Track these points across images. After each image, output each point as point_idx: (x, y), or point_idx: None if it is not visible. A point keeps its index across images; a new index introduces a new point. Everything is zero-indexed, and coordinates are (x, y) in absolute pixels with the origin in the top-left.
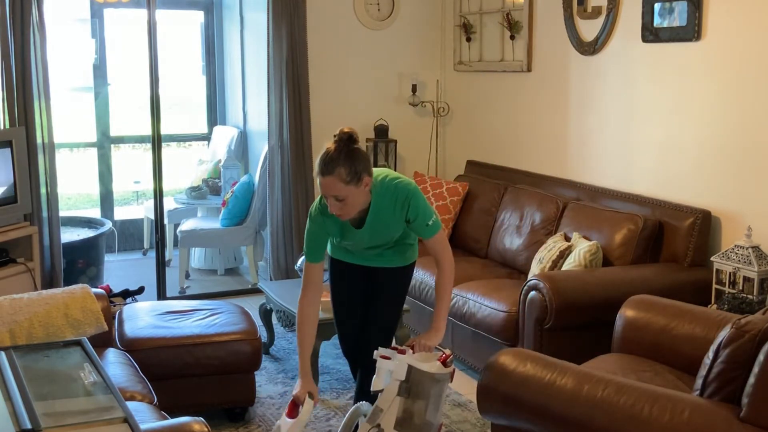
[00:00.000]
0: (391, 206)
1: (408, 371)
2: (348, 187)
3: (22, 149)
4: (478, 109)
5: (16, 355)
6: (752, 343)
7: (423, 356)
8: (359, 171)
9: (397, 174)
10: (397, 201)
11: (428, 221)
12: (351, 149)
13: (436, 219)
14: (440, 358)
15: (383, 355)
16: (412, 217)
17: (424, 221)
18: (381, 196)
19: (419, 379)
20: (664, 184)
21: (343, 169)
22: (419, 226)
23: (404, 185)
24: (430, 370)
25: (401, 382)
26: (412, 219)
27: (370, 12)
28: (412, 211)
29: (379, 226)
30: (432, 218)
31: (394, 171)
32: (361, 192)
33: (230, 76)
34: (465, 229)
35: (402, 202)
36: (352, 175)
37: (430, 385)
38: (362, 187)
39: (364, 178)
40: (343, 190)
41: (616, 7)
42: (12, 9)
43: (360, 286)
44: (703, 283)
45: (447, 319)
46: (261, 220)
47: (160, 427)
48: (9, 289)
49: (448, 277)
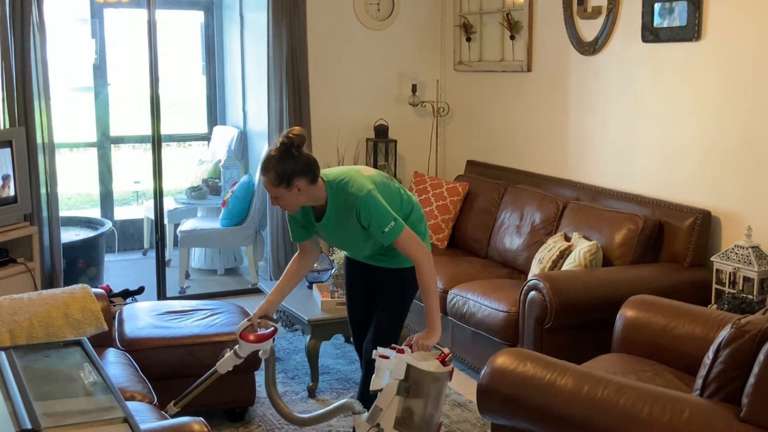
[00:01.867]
0: (346, 208)
1: (407, 370)
2: (278, 189)
3: (22, 149)
4: (478, 109)
5: (16, 355)
6: (752, 343)
7: (422, 355)
8: (290, 175)
9: (356, 180)
10: (349, 206)
11: (384, 228)
12: (288, 154)
13: (395, 224)
14: (439, 356)
15: (382, 354)
16: (365, 225)
17: (379, 229)
18: (335, 197)
19: (418, 378)
20: (664, 184)
21: (272, 172)
22: (376, 233)
23: (355, 192)
24: (429, 368)
25: (400, 382)
26: (365, 226)
27: (370, 12)
28: (364, 219)
29: (338, 224)
30: (388, 225)
31: (360, 174)
32: (294, 194)
33: (230, 76)
34: (465, 229)
35: (354, 209)
36: (280, 180)
37: (429, 384)
38: (294, 191)
39: (294, 182)
40: (274, 191)
41: (616, 7)
42: (12, 9)
43: (363, 279)
44: (703, 283)
45: (440, 315)
46: (261, 220)
47: (160, 427)
48: (9, 289)
49: (427, 275)
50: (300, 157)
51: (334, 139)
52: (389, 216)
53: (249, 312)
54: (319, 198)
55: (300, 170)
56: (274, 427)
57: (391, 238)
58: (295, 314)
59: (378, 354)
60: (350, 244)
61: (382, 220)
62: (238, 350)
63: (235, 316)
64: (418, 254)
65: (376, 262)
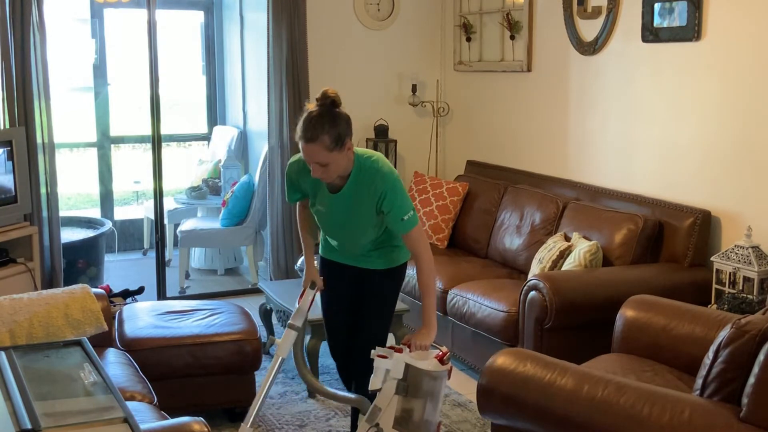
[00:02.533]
0: (368, 187)
1: (405, 369)
2: (332, 154)
3: (22, 149)
4: (478, 109)
5: (16, 355)
6: (752, 343)
7: (420, 354)
8: (342, 135)
9: (386, 162)
10: (372, 186)
11: (403, 216)
12: (335, 112)
13: (413, 215)
14: (437, 355)
15: (380, 354)
16: (387, 209)
17: (399, 216)
18: (359, 172)
19: (417, 377)
20: (664, 184)
21: (327, 136)
22: (393, 219)
23: (385, 173)
24: (428, 367)
25: (399, 381)
26: (386, 211)
27: (370, 12)
28: (387, 203)
29: (352, 202)
30: (408, 213)
31: (386, 159)
32: (344, 156)
33: (230, 76)
34: (465, 229)
35: (377, 190)
36: (335, 142)
37: (428, 383)
38: (345, 151)
39: (347, 142)
40: (328, 156)
41: (616, 7)
42: (12, 9)
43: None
44: (703, 283)
45: (436, 314)
46: (261, 220)
47: (160, 427)
48: (9, 289)
49: (428, 273)
50: (343, 115)
51: None
52: (410, 205)
53: (249, 312)
54: (347, 168)
55: (349, 129)
56: (274, 427)
57: (406, 229)
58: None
59: (376, 353)
60: (350, 230)
61: (404, 207)
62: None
63: (235, 316)
64: (424, 251)
65: (364, 262)
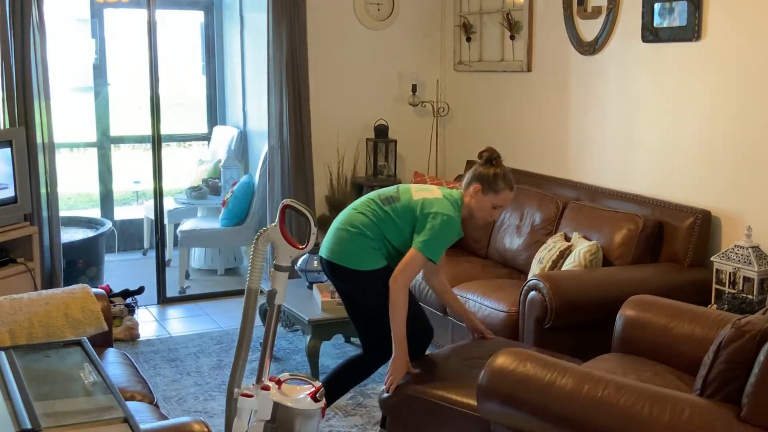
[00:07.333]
0: (431, 211)
1: (274, 409)
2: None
3: (22, 149)
4: (478, 109)
5: (16, 355)
6: (752, 343)
7: (290, 390)
8: None
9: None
10: (430, 211)
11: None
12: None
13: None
14: (310, 392)
15: (244, 393)
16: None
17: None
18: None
19: (287, 417)
20: (664, 184)
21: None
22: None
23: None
24: (299, 406)
25: (266, 423)
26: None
27: (370, 12)
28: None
29: (411, 209)
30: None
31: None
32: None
33: (230, 76)
34: (465, 229)
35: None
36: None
37: (300, 424)
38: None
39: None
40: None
41: (616, 7)
42: (12, 9)
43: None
44: (703, 283)
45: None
46: (261, 220)
47: (160, 427)
48: (9, 289)
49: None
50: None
51: (334, 139)
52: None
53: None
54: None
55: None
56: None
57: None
58: (296, 314)
59: (240, 393)
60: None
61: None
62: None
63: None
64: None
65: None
